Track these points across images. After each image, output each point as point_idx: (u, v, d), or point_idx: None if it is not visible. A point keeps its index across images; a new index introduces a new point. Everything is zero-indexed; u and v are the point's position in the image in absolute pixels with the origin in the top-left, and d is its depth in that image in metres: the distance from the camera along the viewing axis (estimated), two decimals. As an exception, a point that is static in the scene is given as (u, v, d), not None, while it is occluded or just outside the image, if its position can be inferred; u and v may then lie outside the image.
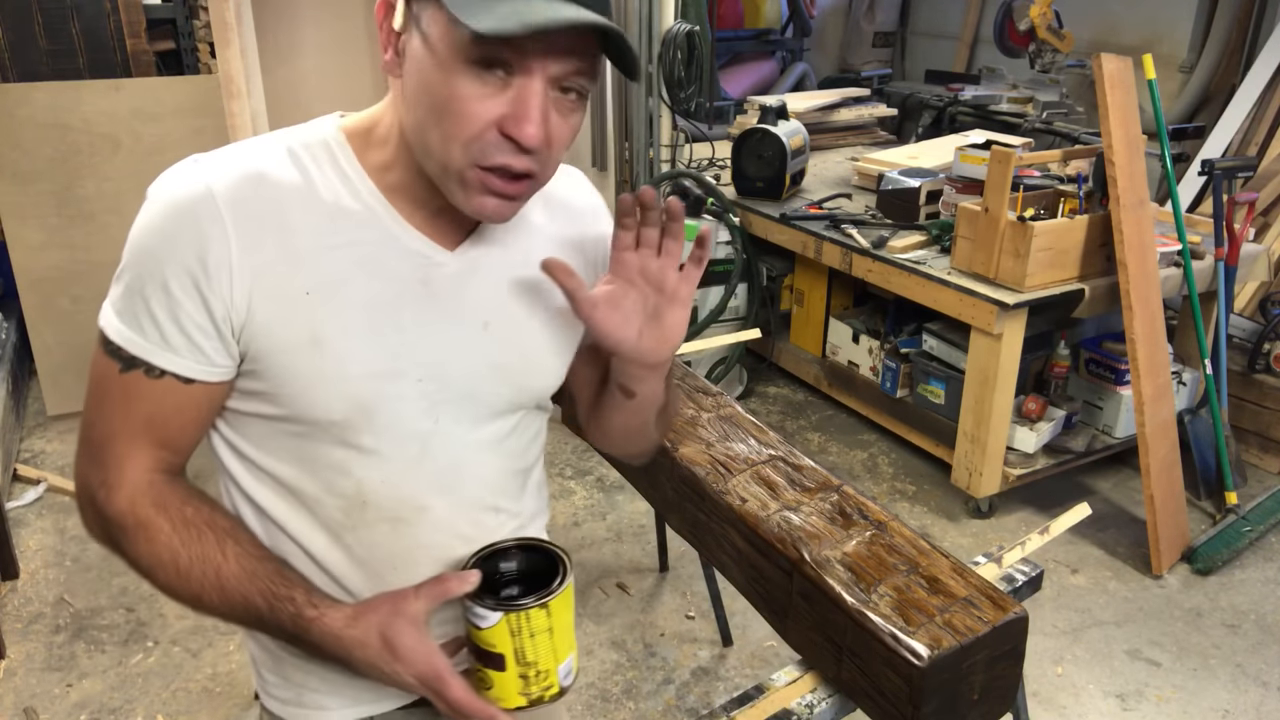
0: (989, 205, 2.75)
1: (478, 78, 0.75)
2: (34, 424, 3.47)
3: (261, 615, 0.84)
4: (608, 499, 3.08)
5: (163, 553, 0.84)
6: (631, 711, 2.24)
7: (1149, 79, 2.84)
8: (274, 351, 0.82)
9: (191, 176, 0.81)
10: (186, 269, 0.79)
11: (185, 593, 0.85)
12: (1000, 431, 2.87)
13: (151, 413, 0.84)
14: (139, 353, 0.81)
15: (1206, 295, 3.08)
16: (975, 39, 6.09)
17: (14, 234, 3.29)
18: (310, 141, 0.86)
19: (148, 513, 0.84)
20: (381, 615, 0.83)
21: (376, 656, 0.83)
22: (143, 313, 0.81)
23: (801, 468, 1.50)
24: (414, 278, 0.86)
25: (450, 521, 0.92)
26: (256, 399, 0.85)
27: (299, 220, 0.82)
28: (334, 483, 0.87)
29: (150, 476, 0.86)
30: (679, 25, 3.57)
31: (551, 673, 0.86)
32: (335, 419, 0.85)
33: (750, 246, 3.57)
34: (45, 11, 3.44)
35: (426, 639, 0.83)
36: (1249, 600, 2.64)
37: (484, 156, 0.77)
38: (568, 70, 0.76)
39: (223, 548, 0.84)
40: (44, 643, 2.41)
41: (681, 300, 0.89)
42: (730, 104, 5.29)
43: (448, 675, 0.83)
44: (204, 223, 0.79)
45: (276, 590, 0.84)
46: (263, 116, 3.00)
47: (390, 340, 0.85)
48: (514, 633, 0.83)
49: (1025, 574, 1.43)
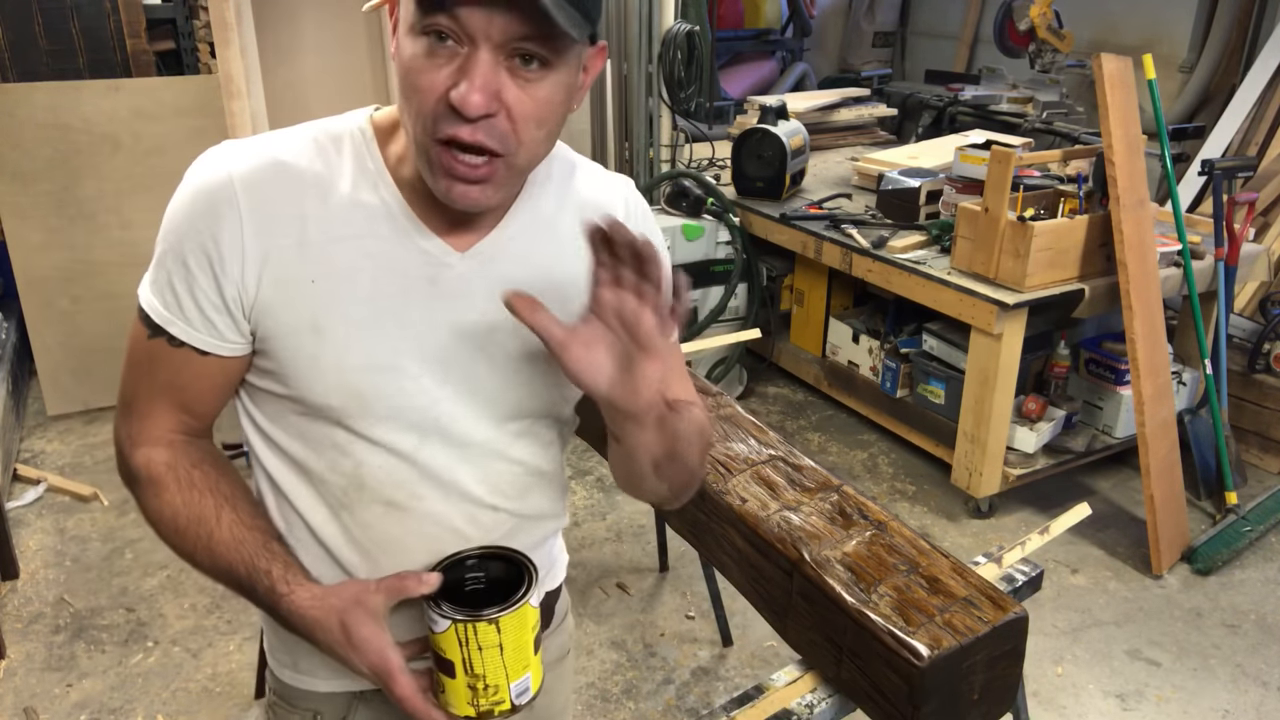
0: (989, 205, 2.75)
1: (429, 51, 0.76)
2: (34, 424, 3.47)
3: (241, 583, 0.88)
4: (608, 499, 3.08)
5: (165, 509, 0.90)
6: (631, 711, 2.24)
7: (1149, 79, 2.84)
8: (279, 334, 0.86)
9: (217, 161, 0.85)
10: (203, 248, 0.83)
11: (181, 549, 0.90)
12: (1000, 431, 2.87)
13: (171, 378, 0.89)
14: (161, 322, 0.86)
15: (1206, 295, 3.08)
16: (975, 39, 6.09)
17: (14, 234, 3.29)
18: (338, 133, 0.88)
19: (159, 470, 0.90)
20: (343, 602, 0.86)
21: (334, 641, 0.86)
22: (165, 286, 0.86)
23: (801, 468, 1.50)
24: (421, 275, 0.87)
25: (444, 514, 0.93)
26: (268, 377, 0.89)
27: (313, 210, 0.85)
28: (336, 462, 0.90)
29: (170, 436, 0.91)
30: (679, 25, 3.57)
31: (502, 688, 0.85)
32: (333, 404, 0.87)
33: (750, 246, 3.57)
34: (45, 11, 3.45)
35: (382, 632, 0.85)
36: (1249, 600, 2.64)
37: (437, 129, 0.77)
38: (512, 35, 0.74)
39: (219, 513, 0.89)
40: (44, 643, 2.41)
41: (654, 352, 0.80)
42: (730, 104, 5.30)
43: (396, 671, 0.84)
44: (221, 206, 0.83)
45: (256, 562, 0.88)
46: (263, 116, 3.00)
47: (391, 335, 0.87)
48: (461, 643, 0.83)
49: (1025, 574, 1.43)
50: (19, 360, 3.58)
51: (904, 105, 5.09)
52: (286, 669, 1.02)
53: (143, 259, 0.89)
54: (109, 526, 2.88)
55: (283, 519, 0.95)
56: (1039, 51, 4.58)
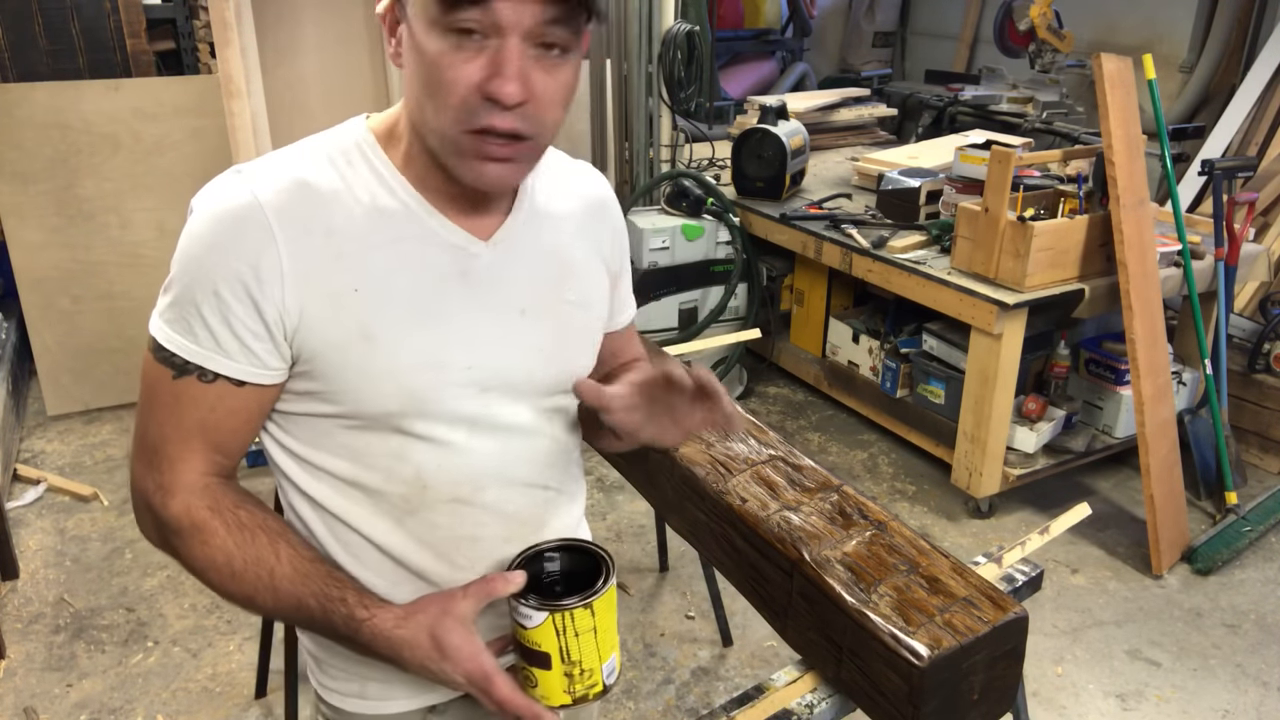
0: (989, 205, 2.75)
1: (455, 45, 0.77)
2: (34, 424, 3.47)
3: (314, 616, 0.87)
4: (608, 499, 3.08)
5: (217, 555, 0.86)
6: (631, 711, 2.24)
7: (1149, 79, 2.84)
8: (327, 350, 0.86)
9: (237, 187, 0.85)
10: (238, 276, 0.82)
11: (239, 594, 0.87)
12: (1000, 431, 2.87)
13: (204, 417, 0.86)
14: (192, 358, 0.84)
15: (1206, 295, 3.08)
16: (975, 39, 6.09)
17: (14, 234, 3.29)
18: (344, 146, 0.90)
19: (203, 515, 0.87)
20: (430, 615, 0.86)
21: (425, 656, 0.85)
22: (195, 319, 0.83)
23: (801, 468, 1.50)
24: (453, 269, 0.90)
25: (505, 500, 0.96)
26: (310, 399, 0.89)
27: (341, 223, 0.86)
28: (394, 470, 0.91)
29: (205, 480, 0.88)
30: (679, 25, 3.57)
31: (596, 671, 0.88)
32: (391, 409, 0.88)
33: (750, 246, 3.57)
34: (45, 11, 3.45)
35: (474, 638, 0.86)
36: (1249, 600, 2.64)
37: (472, 120, 0.79)
38: (540, 21, 0.77)
39: (276, 550, 0.87)
40: (44, 643, 2.41)
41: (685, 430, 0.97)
42: (730, 104, 5.29)
43: (494, 674, 0.85)
44: (253, 231, 0.83)
45: (329, 592, 0.86)
46: (263, 116, 3.00)
47: (436, 331, 0.89)
48: (559, 632, 0.84)
49: (1025, 574, 1.43)
50: (19, 360, 3.58)
51: (904, 105, 5.09)
52: (352, 698, 1.01)
53: (143, 259, 0.89)
54: (109, 526, 2.88)
55: (339, 543, 0.93)
56: (1039, 51, 4.58)
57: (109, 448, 3.31)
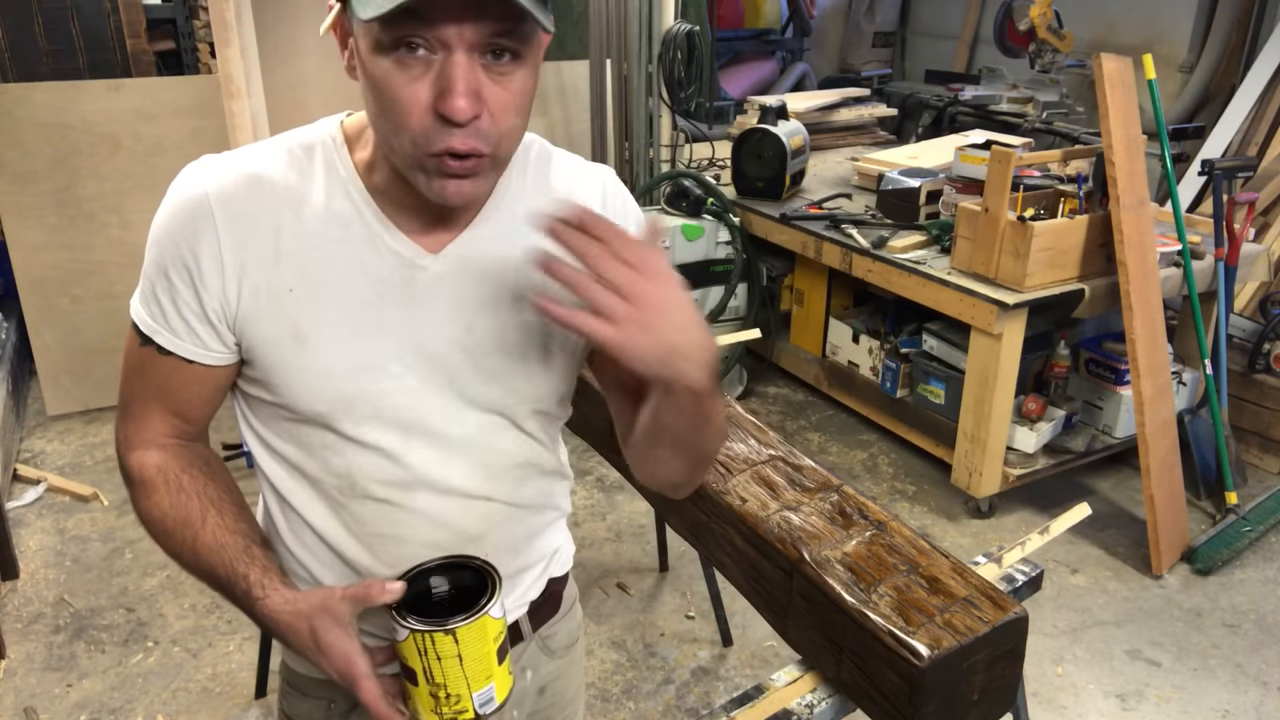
0: (989, 205, 2.75)
1: (401, 64, 0.76)
2: (34, 424, 3.47)
3: (221, 585, 0.91)
4: (608, 499, 3.08)
5: (154, 510, 0.93)
6: (631, 711, 2.24)
7: (1149, 79, 2.84)
8: (262, 344, 0.88)
9: (195, 177, 0.87)
10: (183, 261, 0.86)
11: (169, 549, 0.93)
12: (1000, 431, 2.87)
13: (162, 384, 0.92)
14: (148, 331, 0.89)
15: (1206, 295, 3.08)
16: (975, 39, 6.09)
17: (14, 234, 3.29)
18: (310, 142, 0.90)
19: (150, 472, 0.94)
20: (311, 608, 0.88)
21: (304, 645, 0.88)
22: (151, 297, 0.88)
23: (801, 468, 1.50)
24: (397, 278, 0.89)
25: (437, 508, 0.95)
26: (256, 385, 0.91)
27: (289, 221, 0.87)
28: (328, 462, 0.92)
29: (163, 440, 0.95)
30: (679, 25, 3.57)
31: (464, 698, 0.86)
32: (321, 410, 0.89)
33: (750, 246, 3.57)
34: (45, 11, 3.45)
35: (348, 638, 0.87)
36: (1249, 600, 2.64)
37: (430, 144, 0.77)
38: (485, 33, 0.75)
39: (204, 517, 0.92)
40: (44, 643, 2.41)
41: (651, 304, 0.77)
42: (730, 104, 5.29)
43: (362, 677, 0.86)
44: (197, 220, 0.85)
45: (236, 567, 0.90)
46: (263, 116, 3.00)
47: (371, 338, 0.88)
48: (421, 652, 0.84)
49: (1025, 574, 1.43)
50: (19, 360, 3.58)
51: (904, 105, 5.09)
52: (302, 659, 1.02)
53: (142, 259, 0.89)
54: (109, 526, 2.88)
55: (286, 521, 0.97)
56: (1039, 51, 4.58)
57: (109, 447, 3.31)
